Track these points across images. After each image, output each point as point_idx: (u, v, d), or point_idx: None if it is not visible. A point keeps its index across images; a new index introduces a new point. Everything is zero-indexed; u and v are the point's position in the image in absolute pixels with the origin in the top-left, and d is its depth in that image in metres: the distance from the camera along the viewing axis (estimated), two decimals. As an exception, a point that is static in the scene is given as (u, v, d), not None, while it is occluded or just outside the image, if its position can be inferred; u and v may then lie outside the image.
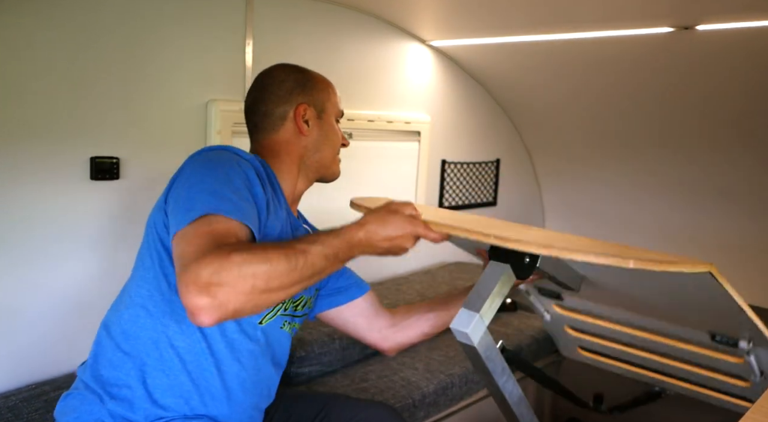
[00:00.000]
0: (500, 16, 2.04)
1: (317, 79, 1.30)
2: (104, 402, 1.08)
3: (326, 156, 1.28)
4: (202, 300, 0.84)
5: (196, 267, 0.86)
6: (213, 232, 0.92)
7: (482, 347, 1.09)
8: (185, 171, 1.07)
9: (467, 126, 2.76)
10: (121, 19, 1.60)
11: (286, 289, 0.92)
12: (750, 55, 1.88)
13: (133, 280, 1.14)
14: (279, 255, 0.91)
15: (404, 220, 1.04)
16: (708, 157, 2.46)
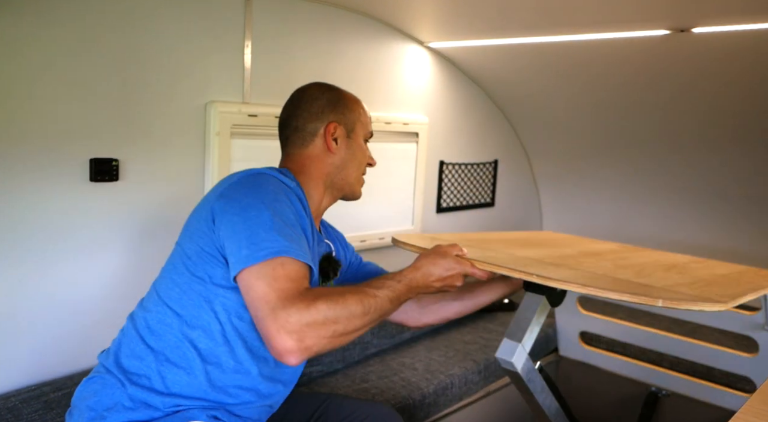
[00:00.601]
0: (498, 18, 2.05)
1: (350, 99, 1.35)
2: (125, 386, 1.12)
3: (351, 174, 1.32)
4: (292, 344, 0.96)
5: (285, 313, 0.97)
6: (290, 276, 1.01)
7: (524, 372, 1.24)
8: (236, 198, 1.11)
9: (465, 127, 2.76)
10: (121, 21, 1.60)
11: (359, 331, 1.05)
12: (745, 58, 1.90)
13: (163, 280, 1.19)
14: (355, 301, 1.04)
15: (453, 261, 1.18)
16: (705, 159, 2.47)
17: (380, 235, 2.41)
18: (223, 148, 1.83)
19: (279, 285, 1.00)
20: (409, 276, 1.15)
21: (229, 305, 1.12)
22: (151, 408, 1.10)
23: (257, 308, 1.00)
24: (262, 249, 1.02)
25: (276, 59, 1.97)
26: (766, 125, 2.18)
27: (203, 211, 1.16)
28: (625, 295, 0.97)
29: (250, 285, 1.02)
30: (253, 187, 1.13)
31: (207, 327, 1.13)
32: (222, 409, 1.15)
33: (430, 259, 1.19)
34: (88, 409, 1.11)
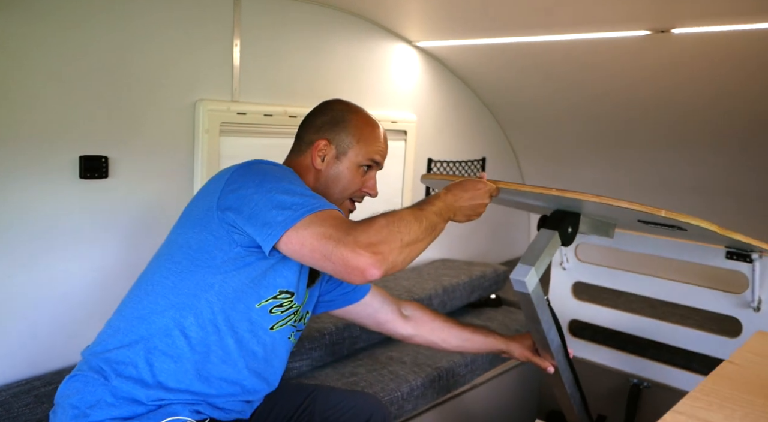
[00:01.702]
0: (485, 19, 2.09)
1: (356, 124, 1.34)
2: (109, 379, 1.13)
3: (332, 195, 1.32)
4: (370, 257, 1.01)
5: (352, 237, 1.02)
6: (335, 216, 1.08)
7: (535, 295, 1.35)
8: (247, 181, 1.14)
9: (453, 125, 2.80)
10: (111, 19, 1.61)
11: (420, 242, 1.11)
12: (722, 58, 1.94)
13: (156, 271, 1.21)
14: (408, 214, 1.12)
15: (479, 182, 1.28)
16: (686, 156, 2.53)
17: (369, 232, 2.44)
18: (212, 145, 1.85)
19: (331, 223, 1.05)
20: (443, 196, 1.23)
21: (226, 293, 1.15)
22: (135, 403, 1.12)
23: (321, 249, 1.03)
24: (297, 210, 1.06)
25: (265, 58, 1.99)
26: (742, 123, 2.24)
27: (206, 201, 1.18)
28: (634, 204, 1.13)
29: (303, 238, 1.05)
30: (260, 169, 1.17)
31: (199, 315, 1.15)
32: (204, 403, 1.18)
33: (458, 184, 1.27)
34: (72, 407, 1.12)
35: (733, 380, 0.79)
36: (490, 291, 2.56)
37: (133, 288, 1.24)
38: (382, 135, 1.38)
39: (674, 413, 0.69)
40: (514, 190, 1.32)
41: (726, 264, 1.73)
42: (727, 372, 0.81)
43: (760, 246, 1.54)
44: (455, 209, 1.24)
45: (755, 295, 1.70)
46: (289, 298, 1.24)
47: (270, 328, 1.22)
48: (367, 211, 2.51)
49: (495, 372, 2.21)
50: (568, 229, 1.42)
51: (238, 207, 1.11)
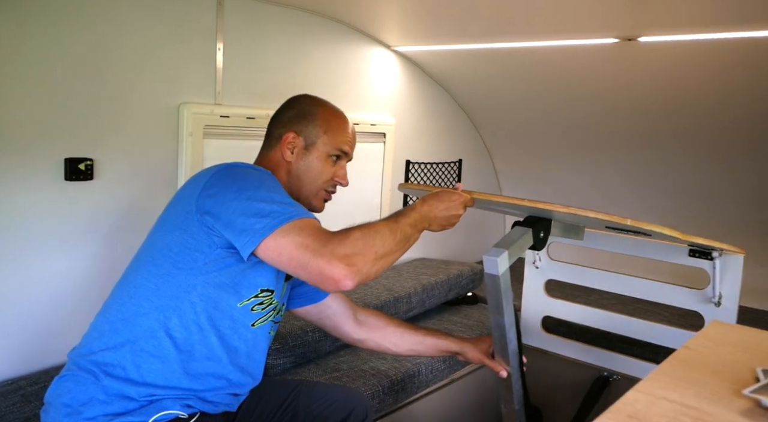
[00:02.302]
0: (461, 25, 2.15)
1: (322, 115, 1.39)
2: (99, 379, 1.15)
3: (304, 187, 1.36)
4: (344, 268, 1.05)
5: (328, 248, 1.06)
6: (313, 225, 1.11)
7: (503, 280, 1.37)
8: (226, 186, 1.16)
9: (430, 127, 2.86)
10: (95, 22, 1.63)
11: (393, 254, 1.16)
12: (686, 65, 2.04)
13: (138, 274, 1.22)
14: (383, 227, 1.16)
15: (454, 194, 1.32)
16: (651, 156, 2.63)
17: (349, 232, 2.49)
18: (195, 148, 1.89)
19: (309, 233, 1.09)
20: (418, 208, 1.26)
21: (208, 293, 1.18)
22: (126, 399, 1.14)
23: (299, 258, 1.07)
24: (275, 218, 1.09)
25: (247, 61, 2.03)
26: (706, 126, 2.34)
27: (185, 204, 1.20)
28: (601, 214, 1.16)
29: (281, 247, 1.08)
30: (239, 174, 1.19)
31: (183, 316, 1.17)
32: (194, 397, 1.21)
33: (434, 195, 1.31)
34: (64, 406, 1.14)
35: (688, 363, 0.87)
36: (467, 289, 2.64)
37: (115, 290, 1.26)
38: (349, 126, 1.42)
39: (635, 392, 0.76)
40: (488, 200, 1.38)
41: (689, 261, 1.82)
42: (682, 356, 0.89)
43: (719, 246, 1.63)
44: (430, 219, 1.28)
45: (716, 291, 1.79)
46: (269, 296, 1.28)
47: (251, 325, 1.26)
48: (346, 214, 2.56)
49: (473, 366, 2.28)
50: (540, 234, 1.47)
51: (216, 212, 1.14)
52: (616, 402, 0.72)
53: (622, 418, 0.68)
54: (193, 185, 1.21)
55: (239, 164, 1.25)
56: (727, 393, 0.78)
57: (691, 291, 1.89)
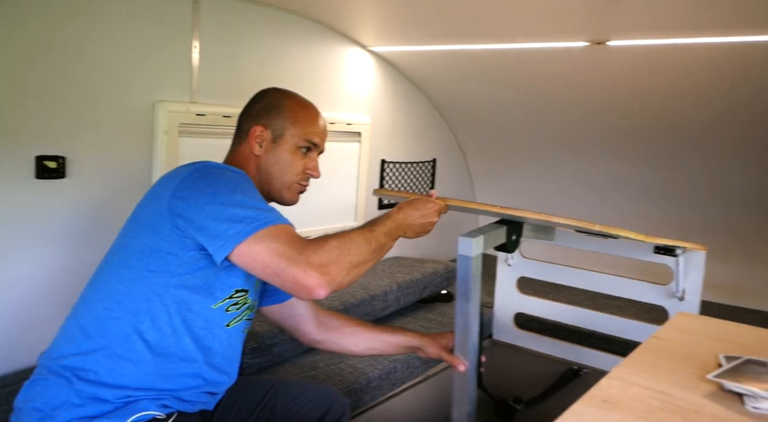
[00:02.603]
0: (435, 27, 2.19)
1: (289, 107, 1.38)
2: (72, 383, 1.13)
3: (275, 180, 1.35)
4: (319, 277, 1.06)
5: (304, 256, 1.06)
6: (288, 232, 1.11)
7: (475, 264, 1.38)
8: (200, 189, 1.15)
9: (405, 127, 2.89)
10: (69, 19, 1.61)
11: (367, 263, 1.16)
12: (653, 68, 2.11)
13: (110, 275, 1.20)
14: (358, 236, 1.16)
15: (429, 201, 1.32)
16: (622, 157, 2.71)
17: (324, 231, 2.50)
18: (171, 146, 1.87)
19: (285, 240, 1.09)
20: (394, 216, 1.27)
21: (181, 296, 1.17)
22: (101, 401, 1.12)
23: (273, 265, 1.07)
24: (249, 224, 1.08)
25: (223, 60, 2.02)
26: (670, 126, 2.42)
27: (157, 204, 1.18)
28: (571, 220, 1.20)
29: (255, 253, 1.08)
30: (213, 176, 1.18)
31: (156, 318, 1.16)
32: (170, 397, 1.20)
33: (409, 203, 1.32)
34: (35, 410, 1.11)
35: (656, 352, 0.91)
36: (441, 287, 2.67)
37: (85, 292, 1.23)
38: (318, 117, 1.40)
39: (609, 378, 0.80)
40: (462, 207, 1.40)
41: (654, 258, 1.89)
42: (652, 345, 0.93)
43: (681, 244, 1.70)
44: (405, 227, 1.28)
45: (679, 286, 1.87)
46: (243, 296, 1.28)
47: (226, 325, 1.26)
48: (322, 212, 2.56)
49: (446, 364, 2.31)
50: (512, 237, 1.50)
51: (189, 215, 1.12)
52: (591, 388, 0.76)
53: (597, 403, 0.72)
54: (166, 185, 1.20)
55: (213, 165, 1.24)
56: (693, 378, 0.82)
57: (656, 286, 1.96)
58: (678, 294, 1.87)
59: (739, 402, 0.76)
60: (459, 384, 1.48)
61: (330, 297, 2.18)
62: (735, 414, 0.72)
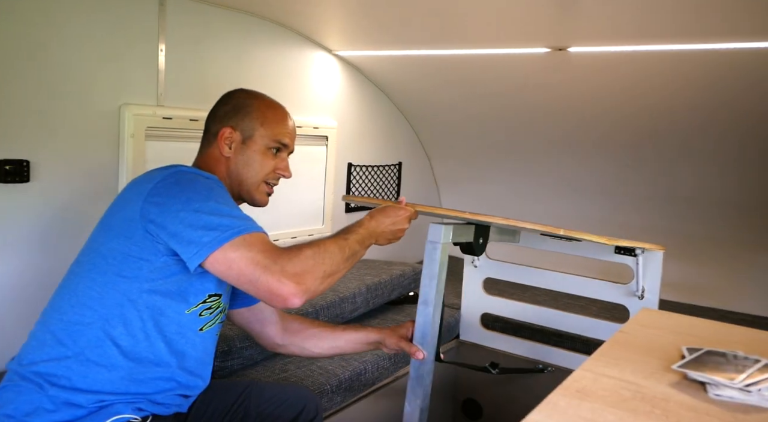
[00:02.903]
0: (399, 32, 2.23)
1: (257, 107, 1.37)
2: (44, 389, 1.11)
3: (245, 181, 1.35)
4: (294, 287, 1.07)
5: (279, 265, 1.08)
6: (263, 240, 1.12)
7: (443, 250, 1.42)
8: (173, 195, 1.14)
9: (371, 131, 2.92)
10: (32, 21, 1.59)
11: (340, 272, 1.19)
12: (612, 73, 2.20)
13: (81, 281, 1.18)
14: (332, 245, 1.18)
15: (399, 209, 1.35)
16: (581, 160, 2.80)
17: (293, 234, 2.51)
18: (137, 150, 1.85)
19: (260, 248, 1.09)
20: (366, 223, 1.29)
21: (153, 302, 1.16)
22: (74, 406, 1.11)
23: (249, 274, 1.08)
24: (224, 231, 1.09)
25: (190, 63, 2.01)
26: (628, 131, 2.52)
27: (128, 210, 1.16)
28: (537, 225, 1.24)
29: (230, 261, 1.09)
30: (186, 182, 1.17)
31: (128, 324, 1.15)
32: (144, 400, 1.19)
33: (381, 210, 1.34)
34: (7, 417, 1.09)
35: (624, 344, 0.96)
36: (409, 289, 2.70)
37: (55, 297, 1.21)
38: (287, 118, 1.40)
39: (581, 370, 0.84)
40: (431, 213, 1.43)
41: (615, 258, 1.97)
42: (619, 339, 0.98)
43: (640, 245, 1.78)
44: (377, 234, 1.31)
45: (639, 285, 1.95)
46: (217, 300, 1.28)
47: (199, 330, 1.26)
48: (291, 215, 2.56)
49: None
50: (479, 240, 1.54)
51: (161, 222, 1.12)
52: (564, 380, 0.80)
53: (571, 393, 0.76)
54: (137, 190, 1.18)
55: (186, 169, 1.23)
56: (659, 368, 0.87)
57: (616, 285, 2.04)
58: (638, 293, 1.95)
59: (703, 390, 0.81)
60: (417, 374, 1.48)
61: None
62: (699, 402, 0.77)
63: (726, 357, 0.88)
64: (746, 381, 0.79)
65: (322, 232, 2.65)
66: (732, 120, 2.22)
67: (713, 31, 1.73)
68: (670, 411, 0.74)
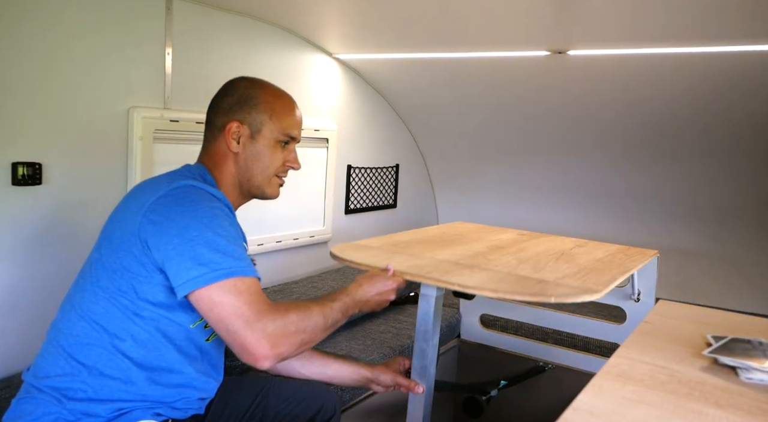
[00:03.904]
0: (398, 35, 2.26)
1: (264, 99, 1.31)
2: (62, 402, 1.11)
3: (256, 176, 1.30)
4: (269, 351, 1.04)
5: (261, 324, 1.04)
6: (252, 291, 1.08)
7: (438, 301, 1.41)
8: (172, 217, 1.10)
9: (370, 134, 2.95)
10: (43, 26, 1.59)
11: (316, 341, 1.15)
12: (610, 77, 2.26)
13: (86, 293, 1.17)
14: (318, 312, 1.15)
15: (386, 278, 1.31)
16: (578, 161, 2.86)
17: (295, 236, 2.52)
18: (145, 152, 1.86)
19: (247, 299, 1.06)
20: (353, 292, 1.26)
21: (158, 314, 1.15)
22: (93, 416, 1.11)
23: (229, 323, 1.04)
24: (214, 270, 1.05)
25: (196, 66, 2.02)
26: (622, 132, 2.58)
27: (128, 223, 1.14)
28: (527, 296, 1.20)
29: (213, 304, 1.05)
30: (188, 204, 1.12)
31: (137, 336, 1.14)
32: (164, 406, 1.19)
33: (367, 278, 1.31)
34: None
35: (650, 334, 1.00)
36: (410, 290, 2.73)
37: (64, 307, 1.20)
38: (295, 108, 1.34)
39: (616, 357, 0.88)
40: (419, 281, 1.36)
41: None
42: (645, 329, 1.02)
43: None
44: (362, 304, 1.28)
45: (635, 289, 2.00)
46: None
47: (206, 340, 1.25)
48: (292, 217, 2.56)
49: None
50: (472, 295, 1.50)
51: (155, 244, 1.10)
52: (604, 365, 0.83)
53: (612, 377, 0.79)
54: (140, 200, 1.15)
55: (192, 186, 1.17)
56: (688, 355, 0.91)
57: (613, 289, 2.09)
58: (634, 296, 2.01)
59: (734, 374, 0.85)
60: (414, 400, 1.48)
61: (305, 296, 2.21)
62: (732, 384, 0.82)
63: (752, 344, 0.93)
64: (774, 364, 0.84)
65: (323, 234, 2.67)
66: (731, 122, 2.28)
67: (711, 35, 1.79)
68: (707, 393, 0.78)
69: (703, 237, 2.75)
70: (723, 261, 2.76)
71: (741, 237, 2.67)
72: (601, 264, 1.53)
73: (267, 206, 2.35)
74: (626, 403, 0.74)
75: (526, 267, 1.42)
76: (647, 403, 0.74)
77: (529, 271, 1.38)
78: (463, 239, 1.83)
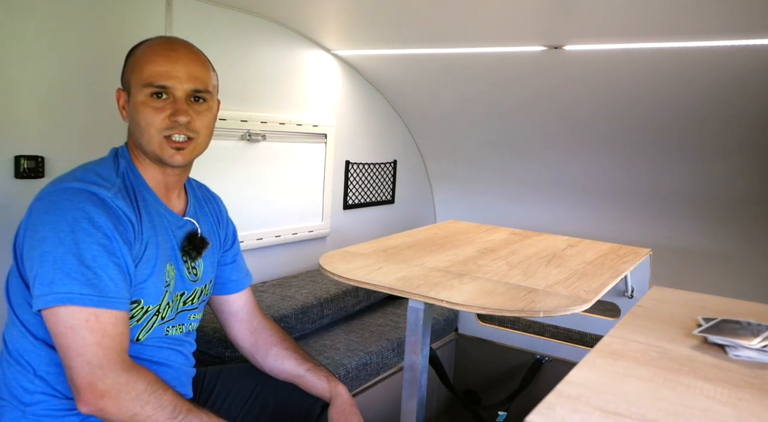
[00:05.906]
0: (396, 31, 2.28)
1: (134, 53, 1.18)
2: (25, 410, 1.11)
3: (144, 142, 1.14)
4: (91, 405, 0.97)
5: (101, 371, 0.97)
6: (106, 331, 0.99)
7: (426, 313, 1.41)
8: (36, 224, 1.04)
9: (368, 129, 2.97)
10: (46, 20, 1.61)
11: None
12: (606, 71, 2.28)
13: (18, 305, 1.12)
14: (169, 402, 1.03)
15: None
16: (576, 158, 2.89)
17: (294, 231, 2.54)
18: (146, 145, 1.87)
19: (96, 340, 0.98)
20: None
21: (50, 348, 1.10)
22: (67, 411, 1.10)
23: (70, 356, 0.98)
24: (55, 292, 0.98)
25: (196, 61, 2.04)
26: (626, 129, 2.61)
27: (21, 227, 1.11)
28: (515, 312, 1.19)
29: (59, 330, 0.99)
30: (53, 213, 1.03)
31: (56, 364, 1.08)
32: None
33: None
34: None
35: (643, 316, 1.03)
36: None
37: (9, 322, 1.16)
38: (163, 51, 1.14)
39: (609, 337, 0.90)
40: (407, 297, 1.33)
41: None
42: (637, 312, 1.05)
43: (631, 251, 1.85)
44: None
45: (628, 285, 2.04)
46: (137, 307, 1.13)
47: (164, 335, 1.19)
48: (290, 213, 2.56)
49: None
50: None
51: (22, 252, 1.07)
52: (597, 343, 0.86)
53: (605, 354, 0.82)
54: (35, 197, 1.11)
55: (71, 190, 1.07)
56: (679, 335, 0.94)
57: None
58: (628, 293, 2.05)
59: (722, 352, 0.88)
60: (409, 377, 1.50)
61: (304, 290, 2.23)
62: (721, 361, 0.85)
63: (740, 324, 0.96)
64: (762, 343, 0.86)
65: (321, 229, 2.70)
66: (729, 117, 2.30)
67: (709, 29, 1.82)
68: (697, 368, 0.81)
69: (700, 233, 2.78)
70: (718, 258, 2.80)
71: (735, 233, 2.70)
72: (593, 267, 1.55)
73: (266, 201, 2.38)
74: (618, 377, 0.76)
75: (516, 274, 1.44)
76: (638, 377, 0.77)
77: (519, 278, 1.39)
78: (454, 241, 1.85)
